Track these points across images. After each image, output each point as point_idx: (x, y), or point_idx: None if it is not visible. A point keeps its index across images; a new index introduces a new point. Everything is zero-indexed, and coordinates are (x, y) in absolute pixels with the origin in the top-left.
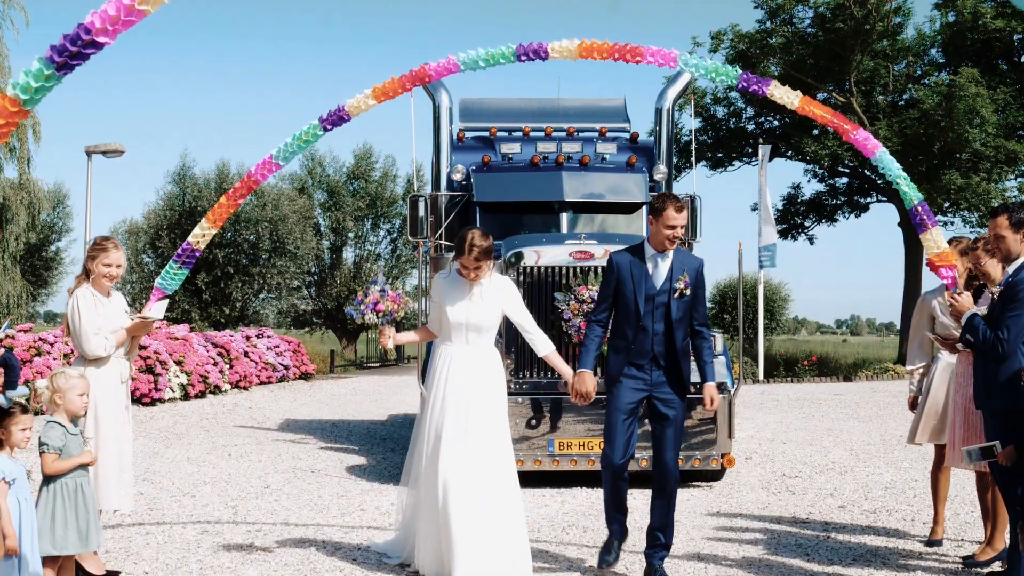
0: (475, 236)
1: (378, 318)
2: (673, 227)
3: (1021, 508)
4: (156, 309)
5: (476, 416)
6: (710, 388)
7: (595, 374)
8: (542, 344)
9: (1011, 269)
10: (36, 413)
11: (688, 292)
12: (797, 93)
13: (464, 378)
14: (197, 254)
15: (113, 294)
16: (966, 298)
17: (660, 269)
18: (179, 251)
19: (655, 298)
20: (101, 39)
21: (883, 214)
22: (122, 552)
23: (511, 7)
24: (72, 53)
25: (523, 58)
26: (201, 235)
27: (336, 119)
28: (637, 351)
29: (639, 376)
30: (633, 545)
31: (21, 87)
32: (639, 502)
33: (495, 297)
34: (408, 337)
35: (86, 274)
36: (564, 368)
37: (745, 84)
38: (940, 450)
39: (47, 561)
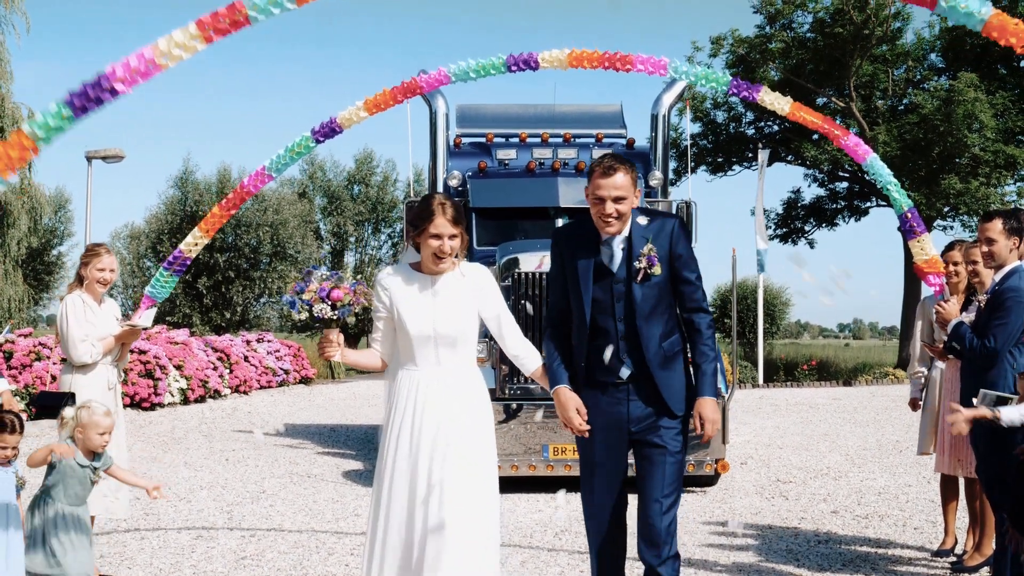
0: (440, 196)
1: (334, 310)
2: (601, 199)
3: (1008, 515)
4: (145, 317)
5: (458, 476)
6: (702, 406)
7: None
8: (531, 359)
9: (998, 277)
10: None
11: (657, 270)
12: (788, 99)
13: (439, 420)
14: (187, 262)
15: (106, 301)
16: (952, 305)
17: (615, 247)
18: (170, 259)
19: (612, 286)
20: (118, 87)
21: (883, 218)
22: (116, 557)
23: (504, 17)
24: (90, 98)
25: (513, 68)
26: (193, 244)
27: (328, 131)
28: (599, 365)
29: (610, 411)
30: None
31: (38, 125)
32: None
33: (469, 294)
34: (359, 358)
35: (79, 280)
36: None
37: (735, 90)
38: None
39: None
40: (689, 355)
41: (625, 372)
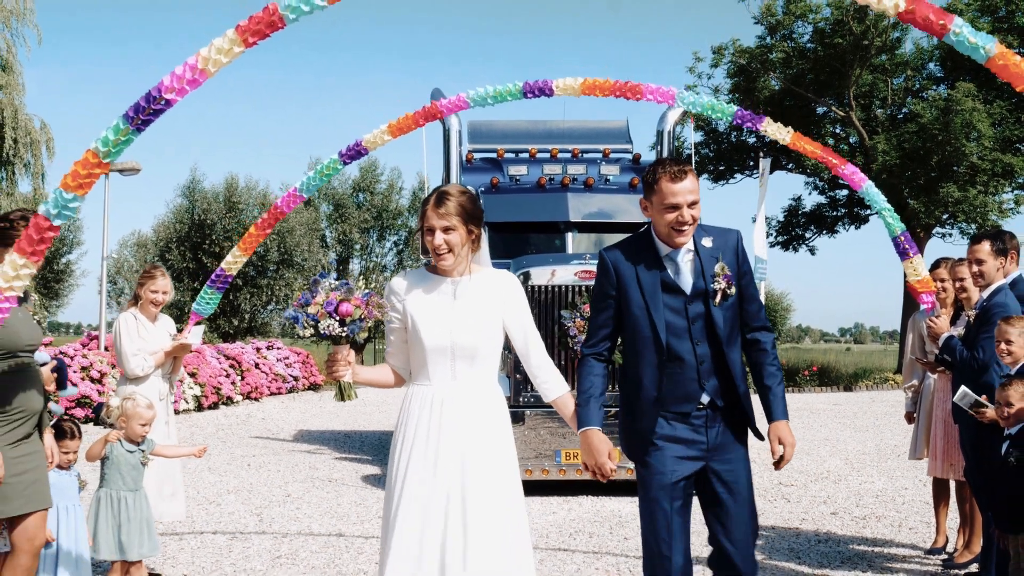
0: (444, 187)
1: (343, 326)
2: (676, 206)
3: (993, 515)
4: (194, 334)
5: (477, 503)
6: (780, 430)
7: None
8: (553, 385)
9: (985, 294)
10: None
11: (733, 290)
12: (788, 129)
13: (454, 441)
14: (229, 279)
15: (161, 318)
16: (943, 321)
17: (682, 265)
18: (213, 277)
19: (687, 307)
20: (169, 96)
21: (883, 225)
22: (159, 556)
23: (510, 22)
24: (147, 111)
25: (529, 95)
26: (233, 262)
27: (354, 153)
28: (674, 395)
29: (687, 437)
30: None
31: (102, 141)
32: None
33: (493, 301)
34: (372, 375)
35: (135, 299)
36: (573, 420)
37: (740, 121)
38: None
39: (115, 563)
40: (751, 373)
41: (705, 398)
